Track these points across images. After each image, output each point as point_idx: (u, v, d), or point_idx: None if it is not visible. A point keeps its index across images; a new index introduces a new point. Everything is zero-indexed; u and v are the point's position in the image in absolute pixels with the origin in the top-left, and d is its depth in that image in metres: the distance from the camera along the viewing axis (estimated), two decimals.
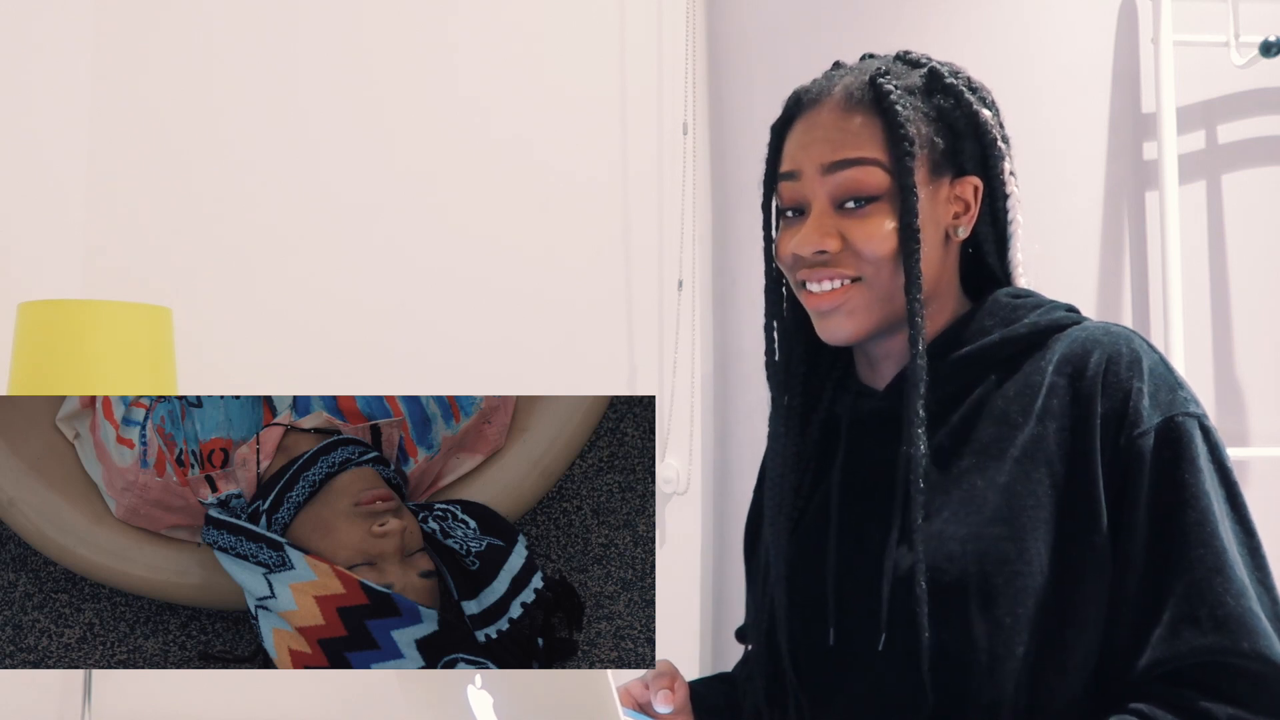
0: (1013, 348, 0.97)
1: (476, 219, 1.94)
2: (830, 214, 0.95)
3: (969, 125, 0.98)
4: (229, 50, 2.02)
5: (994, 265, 1.03)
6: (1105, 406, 0.90)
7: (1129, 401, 0.90)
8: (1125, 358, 0.92)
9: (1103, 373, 0.92)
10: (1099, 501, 0.89)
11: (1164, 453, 0.88)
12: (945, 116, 0.97)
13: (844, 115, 0.95)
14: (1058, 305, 1.00)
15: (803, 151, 0.96)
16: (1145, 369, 0.91)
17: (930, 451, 0.95)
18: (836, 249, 0.95)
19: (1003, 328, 0.98)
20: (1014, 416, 0.94)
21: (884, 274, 0.94)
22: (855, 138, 0.94)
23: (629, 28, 1.92)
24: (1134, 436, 0.89)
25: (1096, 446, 0.90)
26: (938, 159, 0.97)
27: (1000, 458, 0.92)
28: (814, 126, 0.97)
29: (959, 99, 0.97)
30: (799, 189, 0.97)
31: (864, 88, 0.95)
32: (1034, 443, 0.92)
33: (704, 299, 1.88)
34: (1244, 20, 1.64)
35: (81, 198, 2.01)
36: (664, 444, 1.85)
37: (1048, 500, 0.90)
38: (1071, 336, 0.96)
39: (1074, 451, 0.91)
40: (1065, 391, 0.93)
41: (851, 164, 0.94)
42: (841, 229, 0.95)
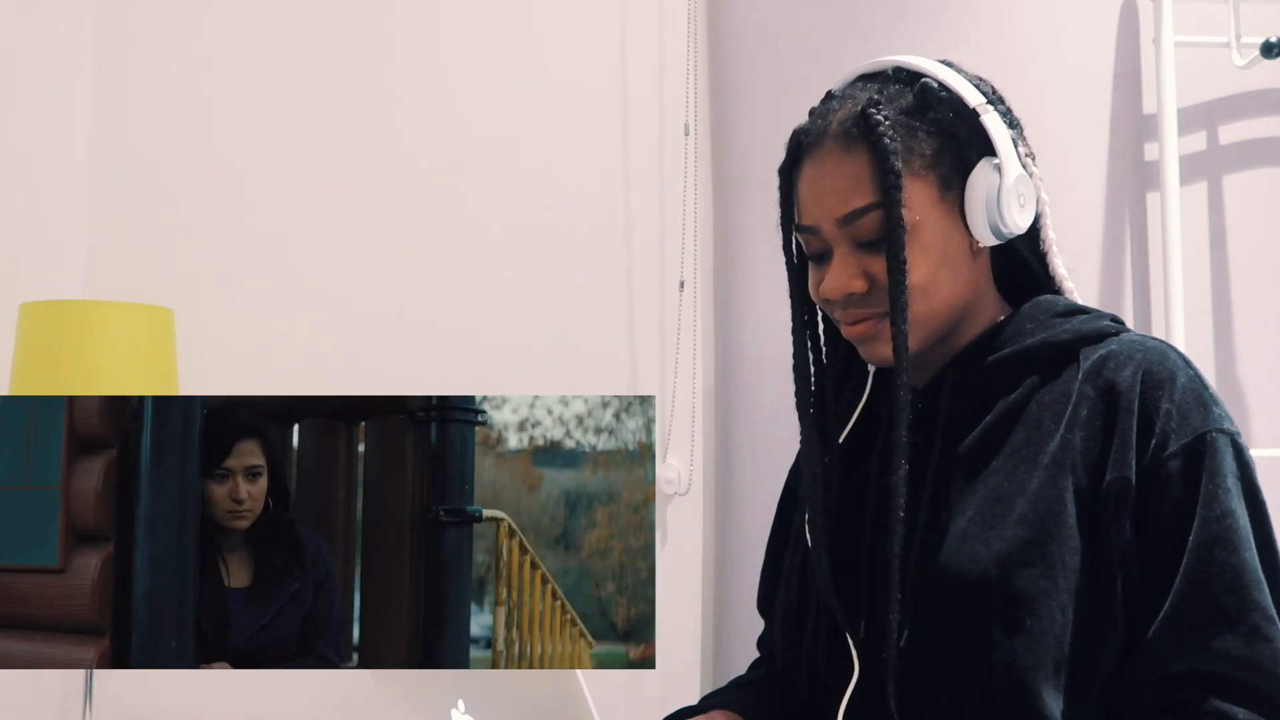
0: (1054, 352, 0.97)
1: (477, 220, 1.94)
2: (851, 256, 0.96)
3: (971, 131, 0.97)
4: (230, 51, 2.02)
5: (1026, 253, 1.02)
6: (1136, 422, 0.91)
7: (1159, 420, 0.90)
8: (1159, 374, 0.92)
9: (1136, 388, 0.92)
10: (1124, 514, 0.89)
11: (1193, 468, 0.89)
12: (946, 128, 0.96)
13: (842, 157, 0.96)
14: (1103, 314, 1.00)
15: (816, 206, 0.97)
16: (1179, 386, 0.91)
17: (961, 451, 0.96)
18: (863, 289, 0.96)
19: (1045, 332, 0.97)
20: (1047, 423, 0.94)
21: (913, 304, 0.94)
22: (857, 183, 0.95)
23: (630, 29, 1.92)
24: (1163, 456, 0.89)
25: (1126, 460, 0.90)
26: (946, 172, 0.96)
27: (1030, 462, 0.93)
28: (820, 175, 0.97)
29: (956, 108, 0.97)
30: (819, 241, 0.98)
31: (857, 121, 0.95)
32: (1062, 450, 0.92)
33: (705, 299, 1.88)
34: (1245, 21, 1.64)
35: (83, 198, 2.02)
36: (665, 444, 1.85)
37: (1072, 508, 0.90)
38: (1107, 347, 0.96)
39: (1100, 463, 0.91)
40: (1095, 402, 0.93)
41: (861, 213, 0.95)
42: (865, 266, 0.96)
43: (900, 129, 0.95)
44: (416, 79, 1.98)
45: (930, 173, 0.95)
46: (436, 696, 0.87)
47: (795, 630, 1.03)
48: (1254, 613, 0.85)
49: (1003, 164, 0.95)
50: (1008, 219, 0.95)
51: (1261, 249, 1.67)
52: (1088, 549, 0.89)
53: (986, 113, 0.96)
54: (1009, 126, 0.99)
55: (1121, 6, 1.71)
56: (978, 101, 0.97)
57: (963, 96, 0.97)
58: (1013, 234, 0.97)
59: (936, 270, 0.95)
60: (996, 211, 0.95)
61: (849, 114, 0.96)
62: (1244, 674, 0.85)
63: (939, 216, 0.96)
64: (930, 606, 0.92)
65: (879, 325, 0.97)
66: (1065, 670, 0.89)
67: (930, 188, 0.95)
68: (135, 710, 1.90)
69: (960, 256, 0.97)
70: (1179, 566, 0.87)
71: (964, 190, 0.96)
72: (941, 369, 1.01)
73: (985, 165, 0.96)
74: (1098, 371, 0.94)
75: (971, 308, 1.00)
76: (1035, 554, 0.89)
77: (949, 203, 0.96)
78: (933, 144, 0.96)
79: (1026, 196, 0.97)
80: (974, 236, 0.97)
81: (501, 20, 1.96)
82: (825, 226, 0.97)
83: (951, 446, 0.97)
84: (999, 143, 0.96)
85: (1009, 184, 0.95)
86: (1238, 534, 0.87)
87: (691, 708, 1.07)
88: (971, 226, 0.96)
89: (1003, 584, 0.89)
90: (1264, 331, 1.66)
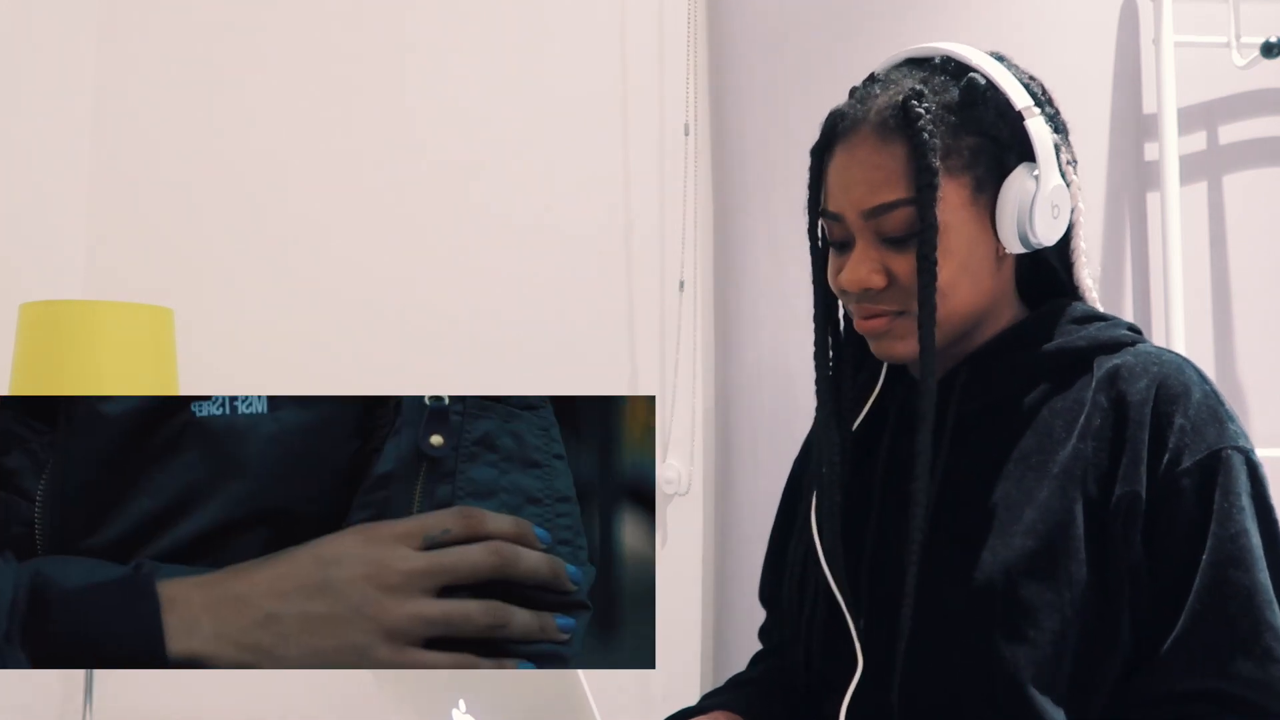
0: (1069, 359, 0.95)
1: (477, 220, 1.94)
2: (874, 249, 0.94)
3: (1014, 134, 0.93)
4: (231, 51, 2.02)
5: (1053, 261, 0.99)
6: (1147, 436, 0.89)
7: (1173, 435, 0.88)
8: (1174, 389, 0.90)
9: (1149, 401, 0.90)
10: (1134, 528, 0.88)
11: (1207, 485, 0.87)
12: (989, 129, 0.93)
13: (877, 147, 0.92)
14: (1121, 323, 0.98)
15: (844, 194, 0.94)
16: (1194, 401, 0.90)
17: (970, 454, 0.94)
18: (881, 284, 0.94)
19: (1061, 338, 0.95)
20: (1058, 431, 0.92)
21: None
22: (889, 176, 0.91)
23: (630, 28, 1.92)
24: (1177, 472, 0.88)
25: (1136, 475, 0.88)
26: (981, 175, 0.93)
27: (1039, 470, 0.91)
28: (851, 163, 0.94)
29: (1001, 109, 0.93)
30: (843, 229, 0.96)
31: (896, 112, 0.92)
32: (1073, 460, 0.90)
33: (705, 299, 1.88)
34: (1245, 21, 1.64)
35: (83, 198, 2.02)
36: (665, 444, 1.85)
37: (1081, 520, 0.89)
38: (1122, 358, 0.94)
39: (1110, 476, 0.89)
40: (1107, 414, 0.91)
41: (888, 208, 0.92)
42: (886, 262, 0.93)
43: (941, 125, 0.91)
44: (416, 80, 1.98)
45: (965, 174, 0.92)
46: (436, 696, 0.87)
47: (797, 620, 1.03)
48: (1267, 634, 0.85)
49: (1041, 172, 0.92)
50: (1038, 229, 0.92)
51: (1261, 249, 1.67)
52: (1095, 562, 0.88)
53: (1032, 116, 0.93)
54: (1054, 131, 0.95)
55: (1121, 6, 1.71)
56: (1024, 104, 0.93)
57: (1010, 97, 0.93)
58: (1041, 245, 0.94)
59: (957, 274, 0.92)
60: (1028, 221, 0.92)
61: (889, 102, 0.93)
62: (1256, 695, 0.84)
63: (967, 219, 0.93)
64: (934, 610, 0.91)
65: (894, 323, 0.95)
66: (1067, 681, 0.88)
67: (963, 189, 0.92)
68: (135, 710, 1.90)
69: (984, 262, 0.95)
70: (1192, 585, 0.86)
71: (997, 195, 0.93)
72: (953, 370, 0.99)
73: (1023, 172, 0.92)
74: (1111, 382, 0.92)
75: (989, 312, 0.98)
76: (1042, 565, 0.88)
77: (980, 206, 0.93)
78: (972, 144, 0.92)
79: (1061, 208, 0.94)
80: (1001, 243, 0.94)
81: (501, 21, 1.96)
82: (850, 216, 0.94)
83: (960, 447, 0.96)
84: (1040, 150, 0.93)
85: (1044, 194, 0.92)
86: (1251, 553, 0.86)
87: (691, 708, 1.06)
88: (1000, 233, 0.93)
89: (1008, 593, 0.88)
90: (1264, 331, 1.66)
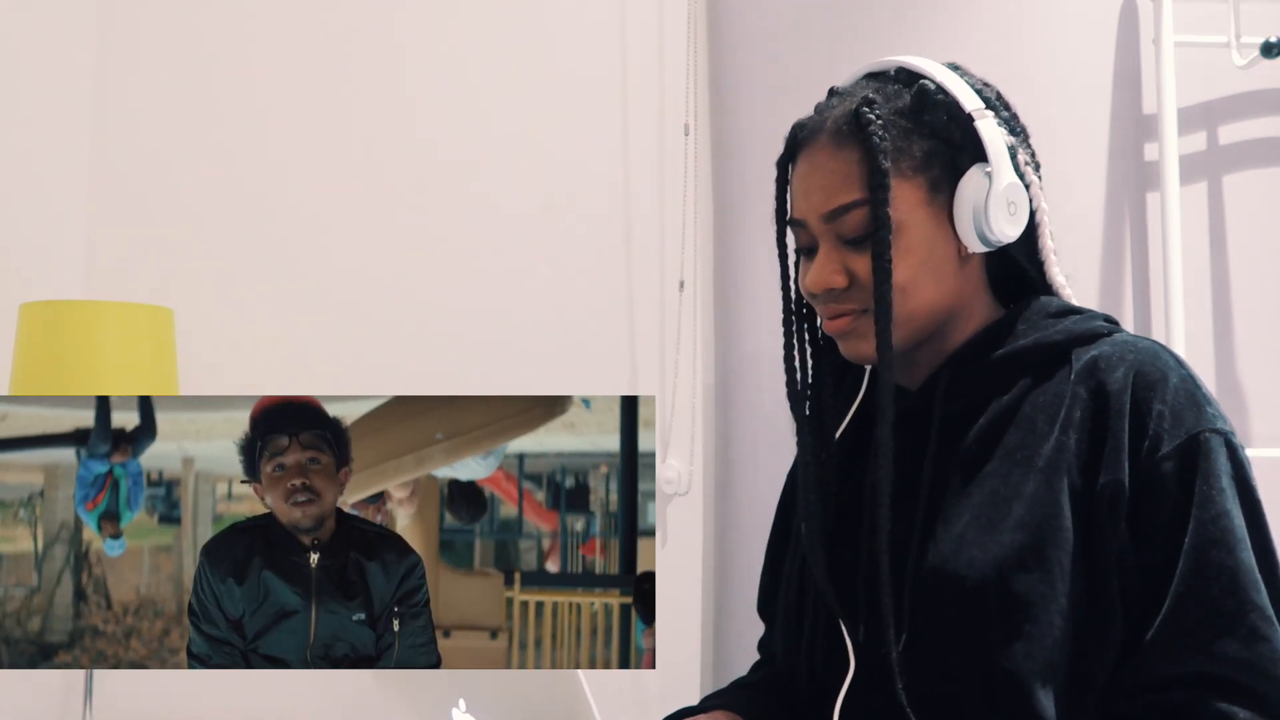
0: (1047, 354, 0.97)
1: (477, 220, 1.94)
2: (835, 251, 0.97)
3: (966, 136, 0.96)
4: (231, 51, 2.02)
5: (1022, 260, 1.02)
6: (1127, 424, 0.90)
7: (1151, 421, 0.90)
8: (1151, 375, 0.92)
9: (1127, 389, 0.91)
10: (1118, 516, 0.89)
11: (1187, 469, 0.89)
12: (940, 132, 0.96)
13: (833, 154, 0.96)
14: (1096, 315, 1.00)
15: (805, 200, 0.98)
16: (1171, 387, 0.91)
17: (956, 453, 0.96)
18: (843, 284, 0.97)
19: (1037, 333, 0.97)
20: (1041, 424, 0.94)
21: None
22: (845, 180, 0.95)
23: (630, 28, 1.92)
24: (1157, 458, 0.89)
25: (1118, 462, 0.89)
26: (936, 176, 0.96)
27: (1025, 464, 0.93)
28: (811, 170, 0.98)
29: (952, 112, 0.96)
30: (808, 235, 0.99)
31: (850, 120, 0.96)
32: (1057, 452, 0.92)
33: (705, 299, 1.88)
34: (1245, 21, 1.64)
35: (83, 198, 2.02)
36: (665, 444, 1.85)
37: (1068, 511, 0.90)
38: (1099, 348, 0.96)
39: (1094, 465, 0.91)
40: (1087, 405, 0.93)
41: (844, 210, 0.95)
42: (847, 263, 0.96)
43: (892, 129, 0.95)
44: (417, 80, 1.98)
45: (920, 175, 0.96)
46: (436, 696, 0.87)
47: (795, 631, 1.03)
48: (1252, 614, 0.85)
49: (994, 171, 0.95)
50: (995, 227, 0.95)
51: (1261, 249, 1.67)
52: (1084, 552, 0.89)
53: (982, 118, 0.96)
54: (1010, 134, 0.98)
55: (1121, 6, 1.71)
56: (974, 106, 0.96)
57: (959, 100, 0.96)
58: (1000, 242, 0.97)
59: (918, 272, 0.95)
60: (984, 218, 0.95)
61: (844, 111, 0.97)
62: (1243, 676, 0.85)
63: (924, 219, 0.96)
64: (928, 610, 0.92)
65: (856, 321, 0.97)
66: (1063, 674, 0.89)
67: (918, 190, 0.95)
68: (135, 710, 1.90)
69: (946, 262, 0.97)
70: (1175, 569, 0.87)
71: (953, 195, 0.96)
72: (935, 371, 1.01)
73: (976, 171, 0.95)
74: (1089, 373, 0.94)
75: (959, 311, 0.99)
76: (1033, 559, 0.89)
77: (938, 206, 0.96)
78: (924, 146, 0.96)
79: (1018, 205, 0.96)
80: (962, 242, 0.97)
81: (501, 20, 1.96)
82: (812, 221, 0.98)
83: (946, 448, 0.97)
84: (991, 149, 0.95)
85: (998, 191, 0.94)
86: (1233, 535, 0.87)
87: (691, 708, 1.07)
88: (959, 231, 0.96)
89: (1001, 589, 0.89)
90: (1264, 331, 1.66)
